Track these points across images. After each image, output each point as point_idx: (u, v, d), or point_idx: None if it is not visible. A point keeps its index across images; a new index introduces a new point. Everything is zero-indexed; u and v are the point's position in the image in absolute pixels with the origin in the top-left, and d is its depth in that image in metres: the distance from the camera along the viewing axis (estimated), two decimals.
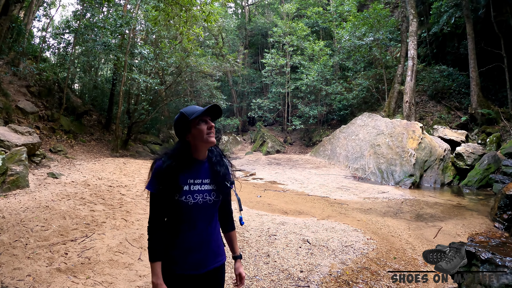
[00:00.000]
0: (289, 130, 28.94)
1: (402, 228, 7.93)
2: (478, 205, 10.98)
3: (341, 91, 26.15)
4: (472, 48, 19.07)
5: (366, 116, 20.45)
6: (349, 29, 24.58)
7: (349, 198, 11.66)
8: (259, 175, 16.44)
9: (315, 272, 5.06)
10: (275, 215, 8.42)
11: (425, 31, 24.48)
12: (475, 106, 18.40)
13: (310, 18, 31.86)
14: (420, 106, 21.94)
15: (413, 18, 20.34)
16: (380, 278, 4.98)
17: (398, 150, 15.72)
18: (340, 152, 19.95)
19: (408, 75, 19.68)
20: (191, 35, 13.93)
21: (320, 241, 6.37)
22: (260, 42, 37.53)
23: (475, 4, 20.12)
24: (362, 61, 26.97)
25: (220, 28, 31.76)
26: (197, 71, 23.32)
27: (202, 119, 2.28)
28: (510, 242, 7.37)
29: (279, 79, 29.08)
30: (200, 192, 2.28)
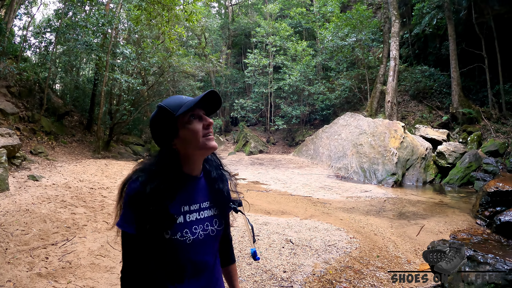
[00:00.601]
0: (272, 130, 28.87)
1: (384, 227, 7.93)
2: (460, 203, 11.08)
3: (323, 91, 26.20)
4: (454, 49, 19.34)
5: (348, 115, 20.51)
6: (332, 30, 24.70)
7: (332, 197, 11.66)
8: (242, 175, 16.29)
9: (298, 272, 5.03)
10: (258, 216, 8.34)
11: (407, 32, 24.85)
12: (456, 106, 18.69)
13: (293, 19, 31.97)
14: (402, 106, 22.14)
15: (396, 19, 20.51)
16: (364, 277, 4.97)
17: (380, 149, 15.78)
18: (323, 151, 19.95)
19: (390, 75, 19.79)
20: (173, 35, 13.76)
21: (303, 241, 6.34)
22: (243, 42, 37.49)
23: (457, 6, 20.35)
24: (345, 62, 27.14)
25: (203, 28, 31.60)
26: (179, 71, 23.15)
27: (195, 113, 1.64)
28: (491, 239, 7.53)
29: (262, 79, 29.03)
30: (199, 222, 1.67)
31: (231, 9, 40.14)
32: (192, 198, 1.67)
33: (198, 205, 1.69)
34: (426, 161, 15.38)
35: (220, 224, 1.78)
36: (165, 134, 1.64)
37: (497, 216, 8.02)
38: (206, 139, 1.62)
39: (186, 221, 1.61)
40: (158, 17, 12.40)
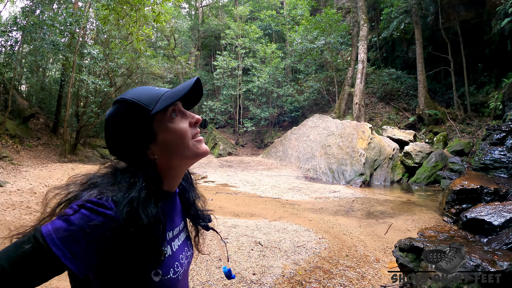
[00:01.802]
0: (241, 132, 28.72)
1: (353, 226, 7.97)
2: (427, 201, 11.29)
3: (292, 93, 26.24)
4: (420, 53, 19.90)
5: (317, 117, 20.56)
6: (301, 33, 24.84)
7: (301, 198, 11.65)
8: (210, 178, 16.12)
9: (268, 274, 4.98)
10: (227, 218, 8.23)
11: (376, 36, 25.48)
12: (423, 107, 19.19)
13: (263, 21, 32.00)
14: (369, 108, 22.44)
15: (364, 23, 20.75)
16: (333, 277, 4.99)
17: (348, 150, 15.85)
18: (292, 153, 19.91)
19: (358, 77, 19.99)
20: (141, 36, 13.45)
21: (272, 243, 6.29)
22: (213, 44, 37.20)
23: (424, 11, 20.88)
24: (314, 64, 27.34)
25: (173, 29, 31.24)
26: (147, 72, 22.72)
27: (176, 109, 1.28)
28: (458, 235, 7.60)
29: (231, 82, 28.84)
30: (181, 249, 1.35)
31: (201, 11, 39.90)
32: (173, 221, 1.34)
33: (178, 228, 1.37)
34: (393, 161, 15.61)
35: (191, 245, 1.49)
36: (135, 141, 1.22)
37: (463, 213, 8.16)
38: (196, 141, 1.27)
39: (173, 252, 1.27)
40: (126, 17, 12.10)
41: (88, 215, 1.00)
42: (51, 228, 0.98)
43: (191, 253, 1.43)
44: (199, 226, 1.53)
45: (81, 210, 1.01)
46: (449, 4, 19.08)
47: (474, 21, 18.82)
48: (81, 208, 1.01)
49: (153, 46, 29.13)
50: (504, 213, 7.59)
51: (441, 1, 19.24)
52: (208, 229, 1.55)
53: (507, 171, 10.70)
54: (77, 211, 1.01)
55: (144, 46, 17.62)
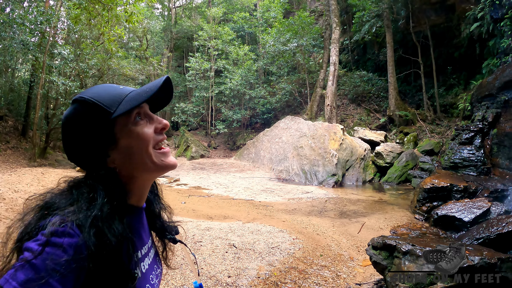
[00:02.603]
0: (213, 134, 28.47)
1: (326, 226, 8.01)
2: (398, 199, 11.48)
3: (264, 95, 26.20)
4: (391, 56, 20.20)
5: (289, 119, 20.58)
6: (274, 35, 24.82)
7: (274, 199, 11.65)
8: (183, 180, 15.90)
9: (243, 276, 4.96)
10: (200, 221, 8.12)
11: (348, 39, 25.86)
12: (393, 109, 19.51)
13: (236, 23, 31.91)
14: (341, 109, 22.66)
15: (336, 26, 20.90)
16: (308, 276, 5.01)
17: (320, 151, 15.87)
18: (264, 154, 19.82)
19: (330, 79, 20.10)
20: (113, 36, 13.15)
21: (247, 245, 6.25)
22: (186, 45, 36.87)
23: (396, 15, 21.27)
24: (286, 66, 27.41)
25: (145, 30, 30.81)
26: (119, 74, 22.28)
27: (141, 111, 1.14)
28: (430, 232, 7.69)
29: (203, 83, 28.59)
30: (151, 268, 1.24)
31: (174, 11, 39.49)
32: (142, 239, 1.21)
33: (147, 246, 1.24)
34: (365, 161, 15.81)
35: (160, 262, 1.36)
36: (94, 146, 1.08)
37: (434, 211, 8.41)
38: (161, 153, 1.14)
39: (143, 273, 1.15)
40: (98, 17, 11.81)
41: (55, 252, 0.86)
42: (17, 285, 0.81)
43: (160, 271, 1.31)
44: (166, 240, 1.40)
45: (45, 249, 0.86)
46: (420, 9, 19.48)
47: (444, 26, 19.32)
48: (44, 246, 0.86)
49: (125, 47, 28.71)
50: (474, 210, 7.83)
51: (412, 6, 19.63)
52: (175, 242, 1.42)
53: (476, 169, 11.08)
54: (40, 252, 0.86)
55: (116, 47, 17.22)
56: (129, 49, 29.85)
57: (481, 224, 6.95)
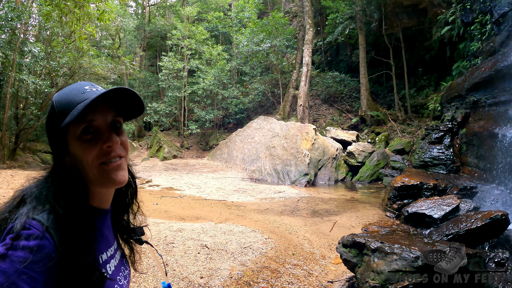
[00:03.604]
0: (186, 134, 28.12)
1: (299, 225, 8.09)
2: (370, 198, 11.69)
3: (237, 95, 26.08)
4: (363, 57, 20.50)
5: (261, 119, 20.53)
6: (247, 35, 24.73)
7: (247, 199, 11.65)
8: (155, 181, 15.69)
9: (216, 276, 4.99)
10: (172, 222, 8.08)
11: (321, 40, 26.18)
12: (365, 109, 19.81)
13: (210, 23, 31.68)
14: (313, 109, 22.78)
15: (310, 27, 20.98)
16: (281, 275, 5.08)
17: (293, 151, 15.87)
18: (237, 155, 19.73)
19: (303, 80, 20.18)
20: (84, 34, 12.84)
21: (219, 245, 6.29)
22: (159, 44, 36.38)
23: (369, 17, 21.53)
24: (259, 66, 27.43)
25: (118, 28, 30.20)
26: (90, 73, 21.74)
27: (94, 125, 1.11)
28: (400, 229, 7.79)
29: (176, 83, 28.26)
30: (118, 269, 1.24)
31: (148, 10, 38.89)
32: (108, 240, 1.21)
33: (113, 247, 1.24)
34: (337, 161, 15.91)
35: (127, 263, 1.37)
36: (54, 146, 1.11)
37: (404, 208, 8.59)
38: (109, 168, 1.10)
39: (111, 274, 1.15)
40: (70, 14, 11.52)
41: (22, 255, 0.87)
42: None
43: (128, 272, 1.32)
44: (132, 241, 1.41)
45: (11, 253, 0.86)
46: (393, 12, 19.78)
47: (416, 28, 19.67)
48: (9, 250, 0.87)
49: (98, 45, 28.15)
50: (444, 207, 8.01)
51: (385, 9, 19.91)
52: (141, 243, 1.43)
53: (445, 167, 11.35)
54: (7, 256, 0.86)
55: (87, 45, 16.83)
56: (102, 47, 29.29)
57: (450, 220, 7.05)
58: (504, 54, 10.44)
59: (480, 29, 12.68)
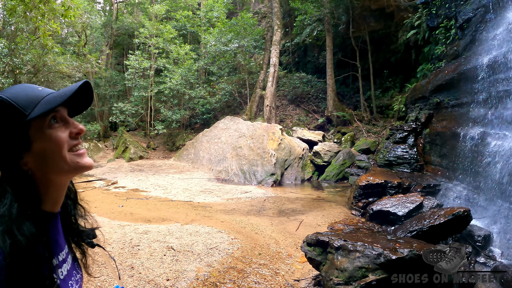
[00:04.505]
0: (152, 135, 27.64)
1: (265, 225, 8.15)
2: (336, 197, 11.80)
3: (204, 95, 25.84)
4: (330, 59, 20.77)
5: (228, 119, 20.44)
6: (215, 35, 24.56)
7: (213, 200, 11.57)
8: (121, 183, 15.33)
9: (182, 278, 4.99)
10: (138, 224, 8.00)
11: (289, 41, 26.40)
12: (331, 109, 20.07)
13: (178, 21, 31.32)
14: (280, 110, 22.86)
15: (278, 28, 21.03)
16: (247, 275, 5.13)
17: (259, 151, 15.83)
18: (204, 155, 19.53)
19: (270, 80, 20.20)
20: (48, 31, 12.44)
21: (185, 246, 6.30)
22: (126, 42, 35.67)
23: (337, 20, 21.85)
24: (227, 67, 27.29)
25: (84, 25, 29.39)
26: (55, 71, 21.08)
27: (57, 115, 1.12)
28: (365, 227, 7.90)
29: (142, 82, 27.75)
30: (70, 274, 1.22)
31: (116, 7, 38.09)
32: (59, 245, 1.18)
33: (64, 251, 1.21)
34: (303, 161, 16.01)
35: (79, 267, 1.32)
36: (7, 147, 1.05)
37: (369, 206, 8.82)
38: (75, 154, 1.12)
39: (62, 280, 1.13)
40: (34, 10, 11.15)
41: None
42: None
43: (80, 276, 1.28)
44: (84, 245, 1.37)
45: None
46: (360, 15, 20.08)
47: (383, 32, 20.02)
48: None
49: (63, 42, 27.37)
50: (408, 204, 8.22)
51: (353, 12, 20.19)
52: (93, 246, 1.40)
53: (410, 166, 11.61)
54: None
55: (52, 42, 16.31)
56: (67, 44, 28.49)
57: (414, 217, 7.24)
58: (467, 57, 10.73)
59: (444, 33, 13.03)
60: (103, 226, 7.21)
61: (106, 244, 6.19)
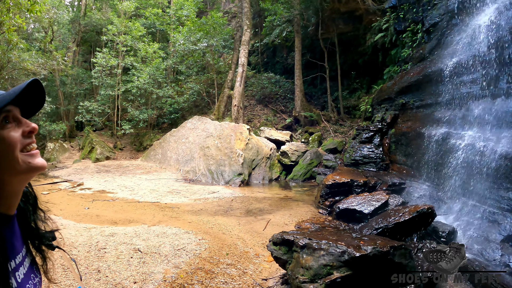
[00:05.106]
0: (119, 135, 27.04)
1: (232, 225, 8.17)
2: (303, 196, 11.90)
3: (172, 94, 25.51)
4: (299, 59, 20.99)
5: (196, 119, 20.31)
6: (184, 34, 24.34)
7: (180, 201, 11.48)
8: (87, 184, 14.95)
9: (149, 281, 4.97)
10: (104, 227, 7.88)
11: (258, 42, 26.64)
12: (299, 110, 20.31)
13: (148, 19, 30.82)
14: (248, 110, 22.96)
15: (247, 28, 21.03)
16: (215, 276, 5.16)
17: (226, 151, 15.79)
18: (171, 155, 19.33)
19: (238, 80, 20.18)
20: (13, 26, 12.03)
21: (152, 248, 6.27)
22: (94, 39, 34.75)
23: (306, 21, 22.07)
24: (195, 66, 27.00)
25: (51, 20, 28.53)
26: (19, 68, 20.36)
27: (9, 115, 1.10)
28: (331, 225, 8.04)
29: (109, 81, 27.13)
30: (27, 278, 1.18)
31: (85, 2, 37.12)
32: (14, 248, 1.15)
33: (21, 255, 1.17)
34: (271, 160, 16.06)
35: (38, 270, 1.27)
36: None
37: (336, 205, 8.93)
38: (28, 155, 1.10)
39: (19, 283, 1.10)
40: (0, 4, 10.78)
41: None
42: None
43: (39, 279, 1.24)
44: (44, 249, 1.32)
45: None
46: (330, 17, 20.33)
47: (351, 34, 20.41)
48: None
49: (29, 38, 26.51)
50: (373, 202, 8.40)
51: (322, 14, 20.39)
52: (53, 248, 1.35)
53: (375, 165, 11.89)
54: None
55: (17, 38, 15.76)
56: (33, 40, 27.55)
57: (380, 215, 7.34)
58: (433, 60, 10.99)
59: (411, 37, 13.37)
60: (68, 229, 7.20)
61: (72, 247, 6.11)
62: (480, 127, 8.07)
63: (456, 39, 10.04)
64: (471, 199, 7.57)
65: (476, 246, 6.55)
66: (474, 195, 7.50)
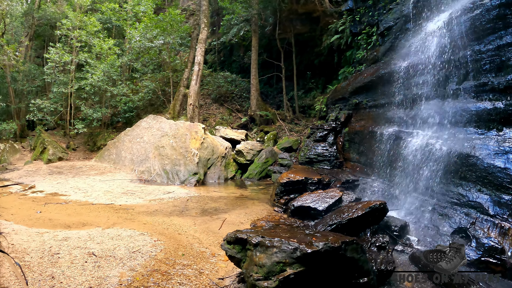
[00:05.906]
0: (72, 134, 26.11)
1: (188, 225, 8.14)
2: (259, 194, 11.96)
3: (127, 92, 24.88)
4: (255, 59, 21.13)
5: (151, 118, 20.02)
6: (141, 30, 23.87)
7: (135, 202, 11.28)
8: (39, 187, 14.33)
9: (105, 285, 4.91)
10: (57, 231, 7.61)
11: (216, 40, 26.52)
12: (255, 109, 20.47)
13: (104, 14, 29.92)
14: (204, 109, 22.88)
15: (205, 26, 20.91)
16: (171, 277, 5.16)
17: (182, 151, 15.64)
18: (126, 155, 18.91)
19: (194, 79, 20.08)
20: None
21: (107, 251, 6.17)
22: (48, 34, 33.34)
23: (264, 21, 22.23)
24: (151, 64, 26.47)
25: (4, 12, 27.24)
26: None
27: None
28: (286, 223, 8.17)
29: (62, 78, 26.15)
30: None
31: None
32: None
33: None
34: (226, 160, 16.02)
35: None
36: None
37: (291, 203, 9.03)
38: None
39: None
40: None
41: None
42: None
43: None
44: None
45: None
46: (287, 18, 20.56)
47: (308, 35, 20.72)
48: None
49: None
50: (327, 199, 8.53)
51: (280, 15, 20.59)
52: None
53: (330, 163, 12.13)
54: None
55: None
56: None
57: (334, 211, 7.43)
58: (386, 62, 11.28)
59: (366, 39, 13.73)
60: (20, 235, 6.92)
61: (24, 253, 5.85)
62: (430, 126, 8.35)
63: (408, 43, 10.31)
64: (422, 194, 7.80)
65: (428, 238, 6.80)
66: (425, 190, 7.73)
